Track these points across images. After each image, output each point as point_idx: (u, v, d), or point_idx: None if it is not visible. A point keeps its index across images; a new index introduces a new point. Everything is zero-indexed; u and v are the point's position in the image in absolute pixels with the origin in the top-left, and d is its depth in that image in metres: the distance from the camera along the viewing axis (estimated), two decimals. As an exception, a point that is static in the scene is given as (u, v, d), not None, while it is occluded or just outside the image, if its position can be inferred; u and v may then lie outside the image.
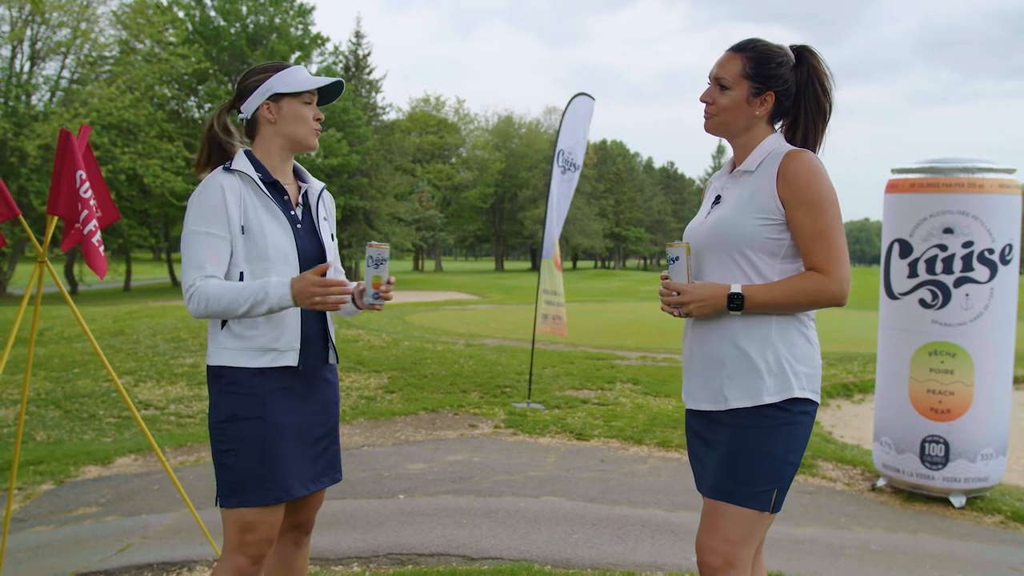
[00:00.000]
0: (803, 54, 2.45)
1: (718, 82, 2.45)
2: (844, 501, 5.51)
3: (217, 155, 2.62)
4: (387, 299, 2.54)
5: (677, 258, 2.41)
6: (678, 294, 2.39)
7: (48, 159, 28.41)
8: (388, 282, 2.53)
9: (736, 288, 2.32)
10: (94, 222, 3.88)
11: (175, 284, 40.73)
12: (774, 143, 2.43)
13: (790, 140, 2.48)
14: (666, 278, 2.45)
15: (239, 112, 2.60)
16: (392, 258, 50.34)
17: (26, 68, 32.23)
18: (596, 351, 12.27)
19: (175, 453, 6.46)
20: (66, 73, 33.53)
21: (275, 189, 2.56)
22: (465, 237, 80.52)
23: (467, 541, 4.38)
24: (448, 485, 5.50)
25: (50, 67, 33.97)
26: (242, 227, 2.45)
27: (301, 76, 2.57)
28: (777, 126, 2.51)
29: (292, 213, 2.59)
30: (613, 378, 9.77)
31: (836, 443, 7.15)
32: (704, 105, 2.48)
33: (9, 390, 8.62)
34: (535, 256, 74.54)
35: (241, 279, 2.46)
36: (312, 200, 2.68)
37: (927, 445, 5.35)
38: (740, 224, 2.36)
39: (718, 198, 2.50)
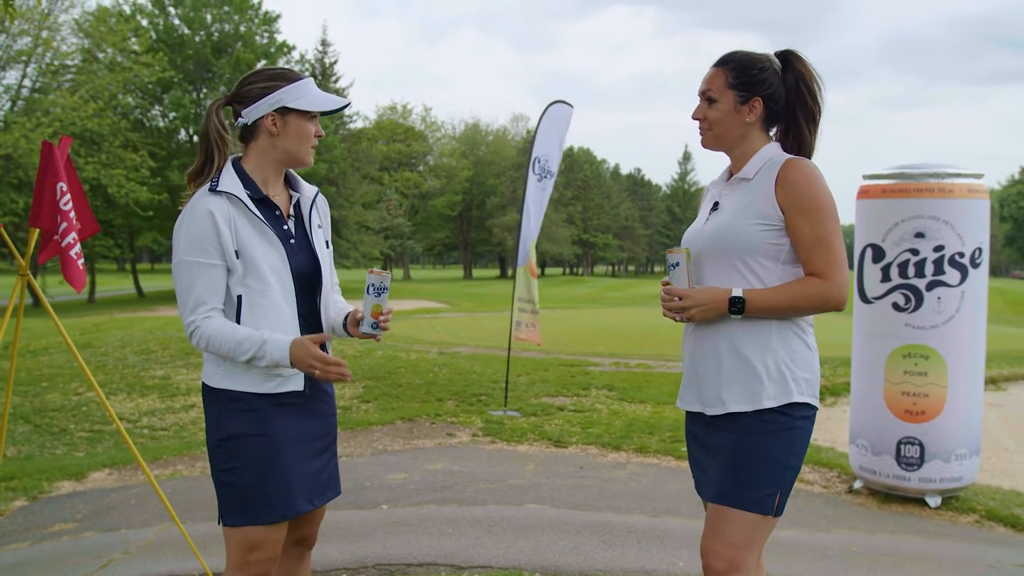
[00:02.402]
0: (788, 58, 2.49)
1: (706, 96, 2.49)
2: (823, 503, 5.58)
3: (212, 159, 2.49)
4: (385, 329, 2.52)
5: (677, 263, 2.43)
6: (680, 299, 2.41)
7: (9, 169, 27.95)
8: (387, 312, 2.51)
9: (737, 292, 2.35)
10: (73, 235, 3.82)
11: (141, 295, 40.19)
12: (772, 151, 2.47)
13: (783, 144, 2.51)
14: (667, 284, 2.48)
15: (239, 116, 2.50)
16: (360, 267, 50.16)
17: (-15, 77, 31.72)
18: (570, 358, 12.30)
19: (150, 467, 6.37)
20: (27, 82, 33.03)
21: (265, 205, 2.48)
22: (433, 245, 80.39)
23: (455, 550, 4.37)
24: (430, 494, 5.48)
25: (11, 76, 33.33)
26: (236, 251, 2.39)
27: (313, 94, 2.49)
28: (771, 132, 2.55)
29: (284, 228, 2.52)
30: (588, 385, 9.80)
31: (811, 446, 7.23)
32: (698, 123, 2.52)
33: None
34: (504, 264, 74.65)
35: (240, 302, 2.42)
36: (305, 209, 2.60)
37: (902, 447, 5.43)
38: (740, 230, 2.39)
39: (716, 205, 2.53)
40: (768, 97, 2.46)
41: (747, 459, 2.37)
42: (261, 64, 41.75)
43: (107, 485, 5.98)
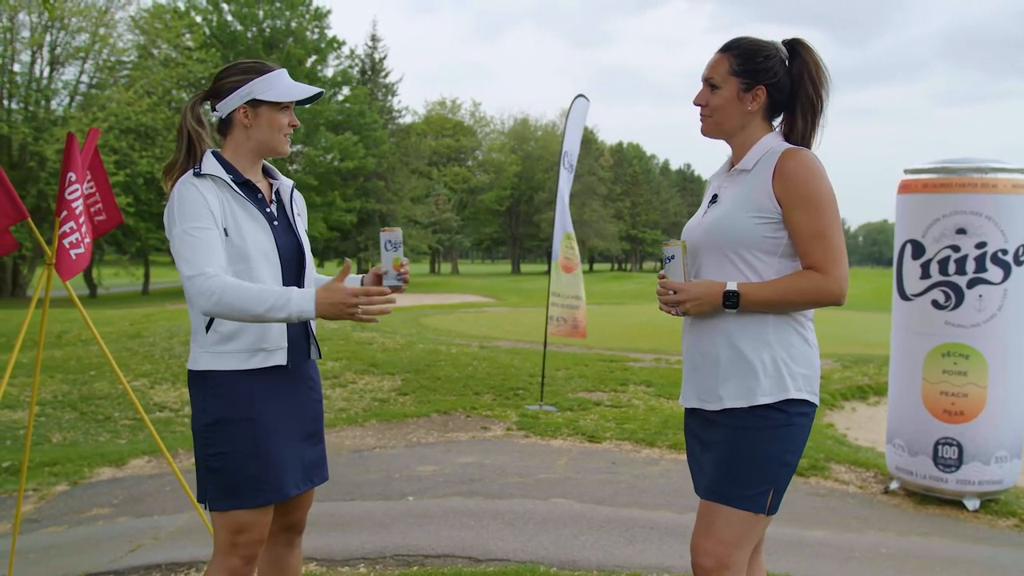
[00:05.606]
0: (795, 47, 2.42)
1: (708, 83, 2.44)
2: (857, 504, 5.47)
3: (190, 153, 2.55)
4: (406, 281, 2.54)
5: (673, 257, 2.40)
6: (674, 293, 2.38)
7: (67, 163, 28.60)
8: (405, 263, 2.54)
9: (732, 286, 2.30)
10: (71, 224, 3.85)
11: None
12: (772, 142, 2.40)
13: (787, 135, 2.45)
14: (663, 277, 2.44)
15: (214, 110, 2.57)
16: (410, 261, 50.68)
17: (45, 73, 32.50)
18: (610, 353, 12.24)
19: (189, 455, 6.49)
20: (85, 78, 33.80)
21: (248, 188, 2.53)
22: (481, 240, 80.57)
23: (474, 543, 4.38)
24: (458, 487, 5.50)
25: (69, 72, 34.16)
26: (224, 229, 2.42)
27: (282, 84, 2.53)
28: (776, 122, 2.49)
29: (268, 210, 2.57)
30: (626, 380, 9.74)
31: (850, 445, 7.10)
32: (699, 110, 2.47)
33: (27, 392, 8.70)
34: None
35: None
36: (285, 197, 2.66)
37: (940, 447, 5.30)
38: (736, 223, 2.34)
39: (715, 197, 2.49)
40: (772, 86, 2.40)
41: (741, 455, 2.32)
42: (311, 60, 42.25)
43: (145, 472, 6.10)
